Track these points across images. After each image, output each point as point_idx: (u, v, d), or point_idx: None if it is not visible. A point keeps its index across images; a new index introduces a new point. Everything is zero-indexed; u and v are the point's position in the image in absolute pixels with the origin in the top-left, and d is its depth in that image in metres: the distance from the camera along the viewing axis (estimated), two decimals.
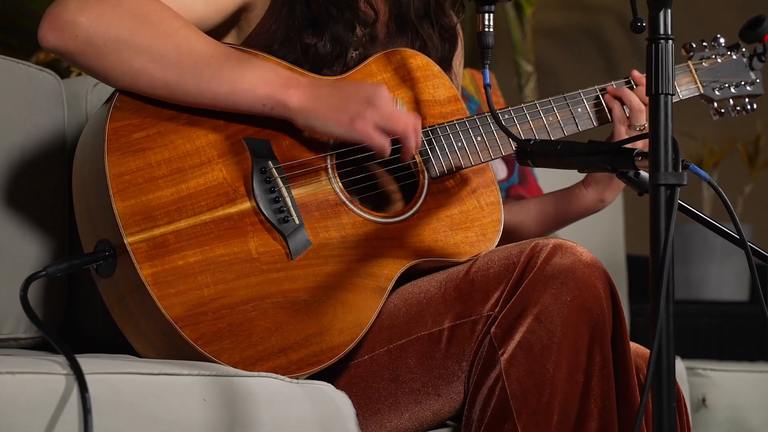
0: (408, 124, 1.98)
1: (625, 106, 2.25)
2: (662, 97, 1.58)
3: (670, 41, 1.60)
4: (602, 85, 2.28)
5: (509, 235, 2.35)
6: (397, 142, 2.01)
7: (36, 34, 1.92)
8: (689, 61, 2.42)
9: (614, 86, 2.27)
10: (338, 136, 1.97)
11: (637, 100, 2.23)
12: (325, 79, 2.02)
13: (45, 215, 2.30)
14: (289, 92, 1.94)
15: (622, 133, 2.24)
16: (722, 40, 2.45)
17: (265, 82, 1.93)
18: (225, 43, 2.00)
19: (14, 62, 2.30)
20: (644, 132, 2.17)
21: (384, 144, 1.97)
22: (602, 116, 2.27)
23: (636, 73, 2.28)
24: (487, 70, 1.98)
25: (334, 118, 1.94)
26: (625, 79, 2.29)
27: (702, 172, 1.67)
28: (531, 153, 1.98)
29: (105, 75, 1.92)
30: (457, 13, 2.32)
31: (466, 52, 2.38)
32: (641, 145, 2.13)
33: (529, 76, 4.83)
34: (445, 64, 2.27)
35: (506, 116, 2.20)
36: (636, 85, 2.27)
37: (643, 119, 2.23)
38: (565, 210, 2.36)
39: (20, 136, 2.28)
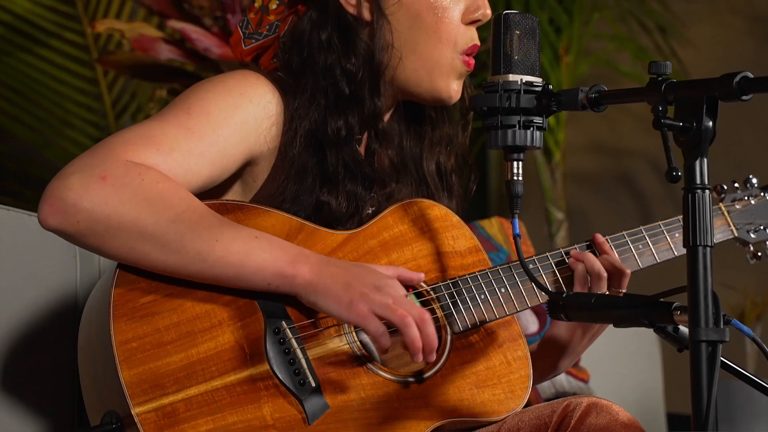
0: (409, 314, 1.92)
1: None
2: (700, 249, 1.57)
3: (707, 191, 1.60)
4: (567, 248, 2.24)
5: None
6: None
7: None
8: (721, 204, 2.41)
9: (577, 250, 2.24)
10: (336, 316, 1.94)
11: (599, 265, 2.19)
12: (335, 260, 2.00)
13: (53, 381, 2.28)
14: (297, 267, 1.93)
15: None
16: (755, 181, 2.45)
17: (273, 260, 1.92)
18: (230, 202, 2.01)
19: (27, 215, 2.31)
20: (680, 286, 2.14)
21: (379, 331, 1.91)
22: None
23: (599, 237, 2.25)
24: (517, 220, 1.98)
25: (335, 297, 1.92)
26: (586, 242, 2.26)
27: (745, 328, 1.65)
28: (564, 306, 1.96)
29: (107, 256, 1.92)
30: (469, 179, 2.32)
31: (494, 199, 2.38)
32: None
33: (560, 223, 4.84)
34: None
35: (531, 265, 2.18)
36: (599, 253, 2.23)
37: (603, 287, 2.19)
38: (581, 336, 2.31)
39: (31, 292, 2.28)
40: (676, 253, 2.29)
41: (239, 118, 2.05)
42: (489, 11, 2.17)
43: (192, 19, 4.03)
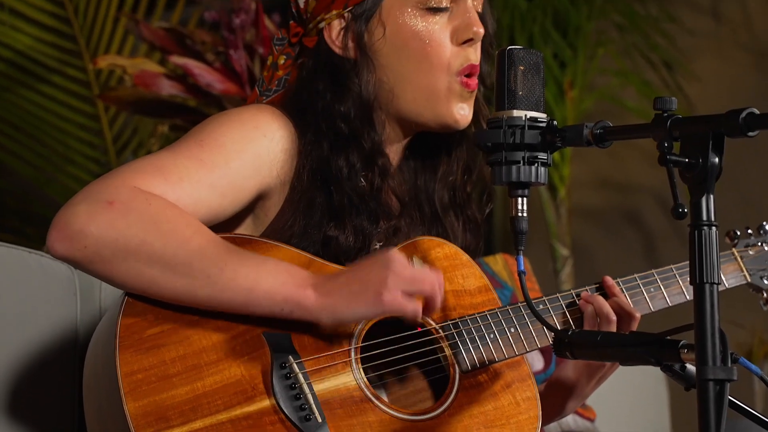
0: (432, 282, 1.97)
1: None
2: (707, 286, 1.56)
3: (714, 228, 1.60)
4: (577, 290, 2.24)
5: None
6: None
7: (51, 221, 1.93)
8: (734, 249, 2.42)
9: (588, 292, 2.24)
10: (370, 315, 1.96)
11: (607, 308, 2.19)
12: (336, 271, 2.02)
13: (55, 418, 2.28)
14: (306, 292, 1.93)
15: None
16: None
17: (282, 284, 1.93)
18: (239, 236, 2.01)
19: (27, 252, 2.32)
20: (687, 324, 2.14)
21: (417, 310, 1.95)
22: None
23: (608, 280, 2.25)
24: (521, 257, 1.97)
25: (359, 301, 1.93)
26: (596, 284, 2.27)
27: (753, 366, 1.64)
28: (570, 344, 1.96)
29: (114, 282, 1.92)
30: (484, 205, 2.32)
31: (498, 235, 2.38)
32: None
33: (565, 260, 4.83)
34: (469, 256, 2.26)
35: (540, 306, 2.18)
36: (609, 296, 2.23)
37: (612, 330, 2.18)
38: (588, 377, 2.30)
39: (32, 329, 2.28)
40: (688, 296, 2.29)
41: (252, 151, 2.06)
42: (481, 29, 2.16)
43: (194, 55, 4.04)
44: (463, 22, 2.15)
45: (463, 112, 2.17)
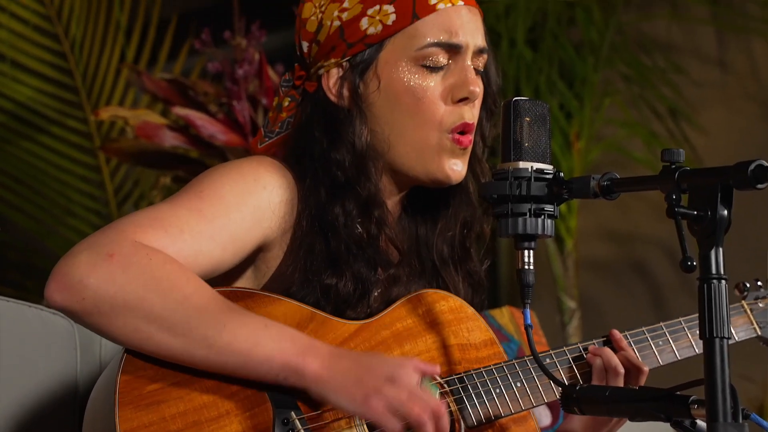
0: (426, 409, 1.92)
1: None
2: (717, 341, 1.56)
3: (723, 281, 1.59)
4: (585, 343, 2.24)
5: None
6: None
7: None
8: (743, 301, 2.41)
9: (595, 345, 2.23)
10: (350, 412, 1.94)
11: (616, 361, 2.18)
12: (346, 351, 2.00)
13: None
14: (306, 360, 1.92)
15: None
16: None
17: (281, 352, 1.92)
18: (239, 289, 2.01)
19: (26, 306, 2.31)
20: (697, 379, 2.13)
21: (396, 429, 1.91)
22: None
23: (616, 333, 2.24)
24: (528, 310, 1.97)
25: (347, 394, 1.92)
26: (603, 338, 2.26)
27: (764, 423, 1.63)
28: (578, 399, 1.95)
29: (111, 337, 1.92)
30: (482, 260, 2.31)
31: (504, 287, 2.38)
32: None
33: (572, 312, 4.82)
34: None
35: (547, 359, 2.17)
36: (617, 349, 2.22)
37: (620, 384, 2.17)
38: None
39: (32, 383, 2.28)
40: (697, 350, 2.28)
41: (252, 203, 2.06)
42: (477, 88, 2.15)
43: (197, 106, 4.06)
44: (459, 81, 2.14)
45: (456, 168, 2.16)
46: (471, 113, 2.16)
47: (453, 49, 2.14)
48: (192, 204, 2.02)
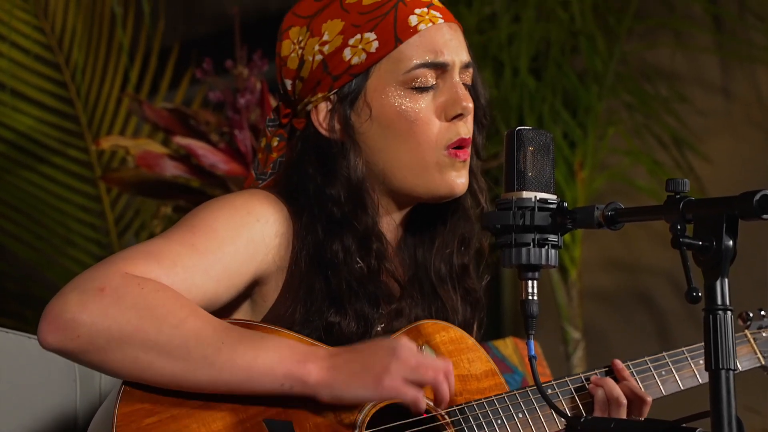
0: (437, 370, 1.95)
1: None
2: (723, 372, 1.55)
3: (729, 312, 1.59)
4: (587, 373, 2.23)
5: None
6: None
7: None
8: (747, 331, 2.41)
9: (597, 375, 2.23)
10: (368, 398, 1.96)
11: (618, 391, 2.18)
12: (342, 348, 2.01)
13: None
14: (307, 367, 1.93)
15: None
16: None
17: (281, 360, 1.92)
18: (238, 321, 2.01)
19: (26, 337, 2.31)
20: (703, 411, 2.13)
21: (417, 397, 1.94)
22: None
23: (618, 363, 2.24)
24: (532, 341, 1.97)
25: (359, 382, 1.93)
26: (605, 368, 2.25)
27: None
28: (582, 431, 1.94)
29: (110, 371, 1.92)
30: (482, 277, 2.31)
31: (508, 318, 2.37)
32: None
33: (576, 343, 4.81)
34: (468, 330, 2.25)
35: (549, 390, 2.17)
36: (619, 380, 2.22)
37: (623, 414, 2.17)
38: None
39: (31, 415, 2.27)
40: (700, 380, 2.28)
41: (246, 236, 2.06)
42: (470, 104, 2.16)
43: (198, 135, 4.06)
44: (451, 98, 2.15)
45: (460, 180, 2.17)
46: (466, 128, 2.17)
47: (440, 68, 2.15)
48: (185, 238, 2.02)
